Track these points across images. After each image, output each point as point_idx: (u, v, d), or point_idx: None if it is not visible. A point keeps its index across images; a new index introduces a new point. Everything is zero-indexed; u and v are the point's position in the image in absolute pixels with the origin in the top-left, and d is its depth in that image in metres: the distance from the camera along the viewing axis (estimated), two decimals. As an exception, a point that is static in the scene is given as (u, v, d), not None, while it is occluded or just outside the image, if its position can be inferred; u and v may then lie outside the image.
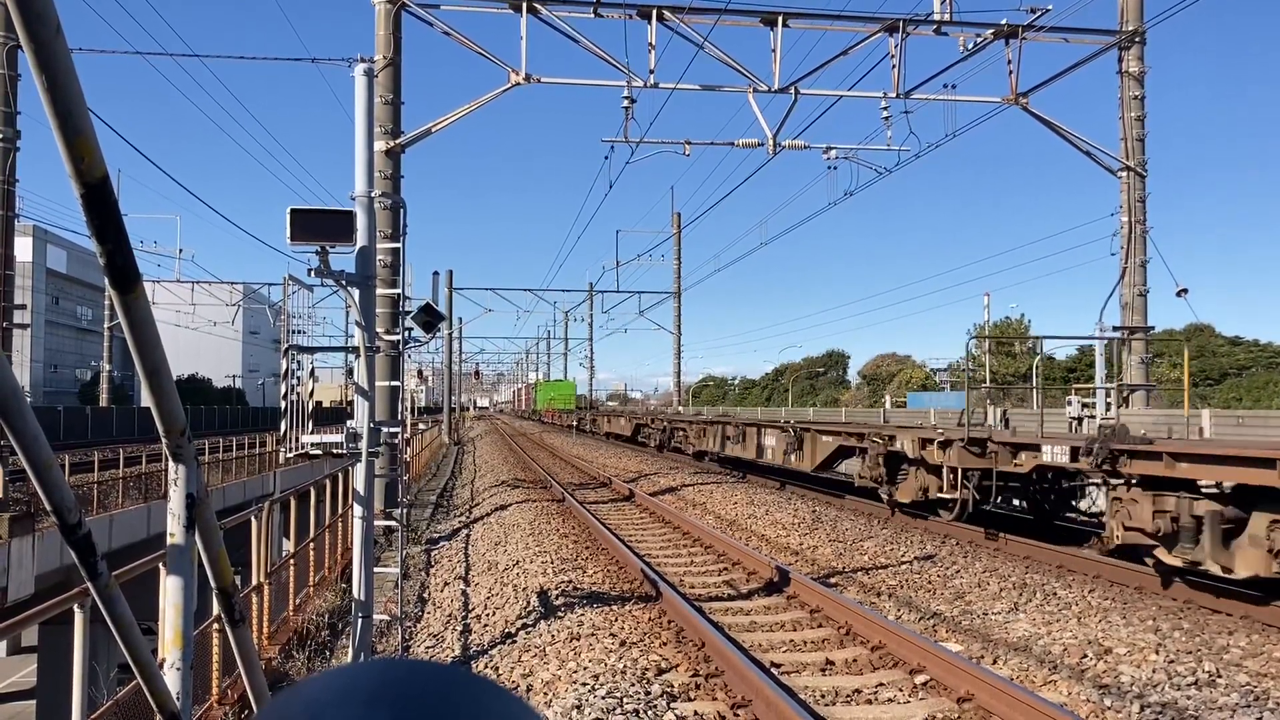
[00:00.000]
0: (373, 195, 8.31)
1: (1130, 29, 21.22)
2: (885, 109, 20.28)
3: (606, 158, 21.91)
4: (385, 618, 9.71)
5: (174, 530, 2.56)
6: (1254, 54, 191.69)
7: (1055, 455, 11.78)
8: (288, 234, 7.35)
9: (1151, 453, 9.95)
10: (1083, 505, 14.32)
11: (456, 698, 0.58)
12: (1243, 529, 9.11)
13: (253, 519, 8.82)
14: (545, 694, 7.30)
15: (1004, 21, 19.50)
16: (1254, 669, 7.52)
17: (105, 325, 56.83)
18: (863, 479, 16.95)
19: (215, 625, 7.19)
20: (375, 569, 8.85)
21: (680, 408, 52.30)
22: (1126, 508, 10.17)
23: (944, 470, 14.05)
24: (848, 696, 7.17)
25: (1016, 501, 15.16)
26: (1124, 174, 21.44)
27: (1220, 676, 7.34)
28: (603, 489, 23.69)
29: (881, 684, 7.41)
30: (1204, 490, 9.40)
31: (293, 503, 11.31)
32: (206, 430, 57.27)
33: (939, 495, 14.35)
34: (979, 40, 19.31)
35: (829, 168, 22.37)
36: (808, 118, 67.85)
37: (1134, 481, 10.17)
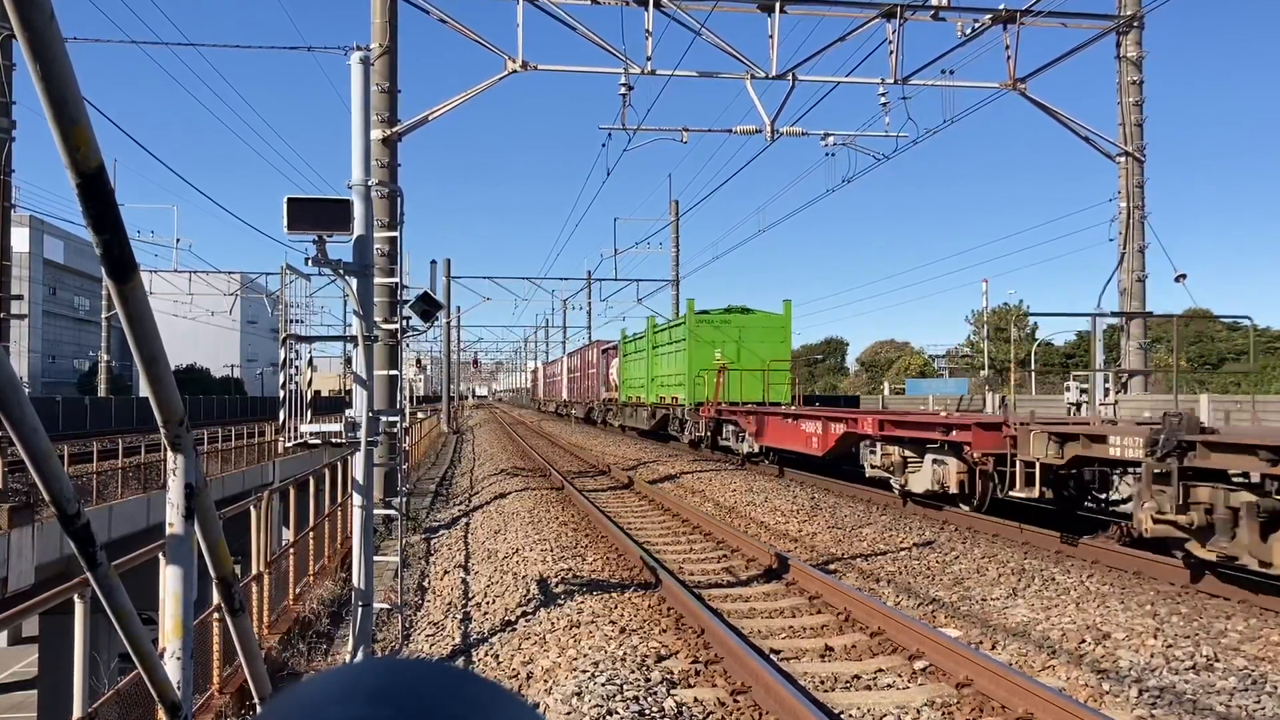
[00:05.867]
0: (370, 184, 8.29)
1: (1128, 13, 21.17)
2: (883, 95, 20.23)
3: (604, 145, 21.83)
4: (385, 606, 9.73)
5: (173, 520, 2.56)
6: (1253, 39, 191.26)
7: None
8: (285, 223, 7.33)
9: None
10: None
11: (459, 697, 0.58)
12: None
13: (252, 508, 8.83)
14: (546, 681, 7.33)
15: (1002, 7, 19.43)
16: (1251, 653, 7.55)
17: (103, 315, 56.81)
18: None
19: (215, 614, 7.20)
20: (375, 557, 8.86)
21: None
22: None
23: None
24: (847, 682, 7.19)
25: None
26: (1122, 159, 21.42)
27: (1218, 661, 7.37)
28: (602, 477, 23.72)
29: (881, 670, 7.44)
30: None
31: (292, 492, 11.32)
32: (205, 420, 57.31)
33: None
34: (977, 25, 19.23)
35: (827, 154, 22.35)
36: (805, 104, 67.81)
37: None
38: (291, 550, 10.60)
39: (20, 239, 56.01)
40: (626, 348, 40.14)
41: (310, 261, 7.71)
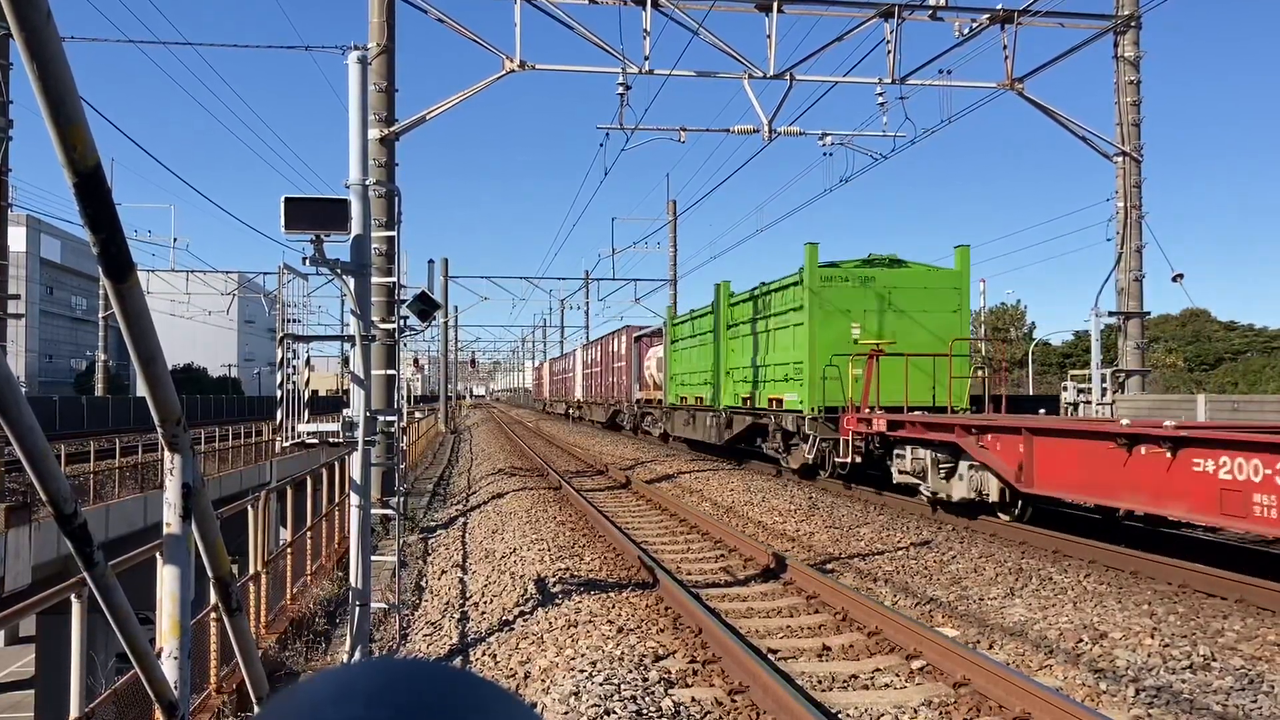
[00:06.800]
0: (367, 183, 8.28)
1: (1126, 13, 21.17)
2: (881, 95, 20.22)
3: (602, 145, 21.74)
4: (383, 606, 9.72)
5: (170, 520, 2.56)
6: (1251, 39, 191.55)
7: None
8: (282, 223, 7.32)
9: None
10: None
11: (458, 698, 0.58)
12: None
13: (250, 508, 8.82)
14: (543, 681, 7.32)
15: (1000, 6, 19.42)
16: (1249, 652, 7.55)
17: (100, 315, 56.68)
18: None
19: (212, 614, 7.20)
20: (372, 557, 8.86)
21: None
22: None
23: None
24: (844, 682, 7.19)
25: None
26: (1120, 159, 21.42)
27: (1215, 660, 7.38)
28: (599, 476, 23.71)
29: (878, 669, 7.44)
30: None
31: (289, 492, 11.31)
32: (202, 420, 57.24)
33: None
34: (974, 25, 19.23)
35: (825, 154, 22.31)
36: (803, 104, 67.75)
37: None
38: (289, 550, 10.60)
39: (17, 238, 55.91)
40: (677, 331, 30.25)
41: (308, 261, 7.70)
